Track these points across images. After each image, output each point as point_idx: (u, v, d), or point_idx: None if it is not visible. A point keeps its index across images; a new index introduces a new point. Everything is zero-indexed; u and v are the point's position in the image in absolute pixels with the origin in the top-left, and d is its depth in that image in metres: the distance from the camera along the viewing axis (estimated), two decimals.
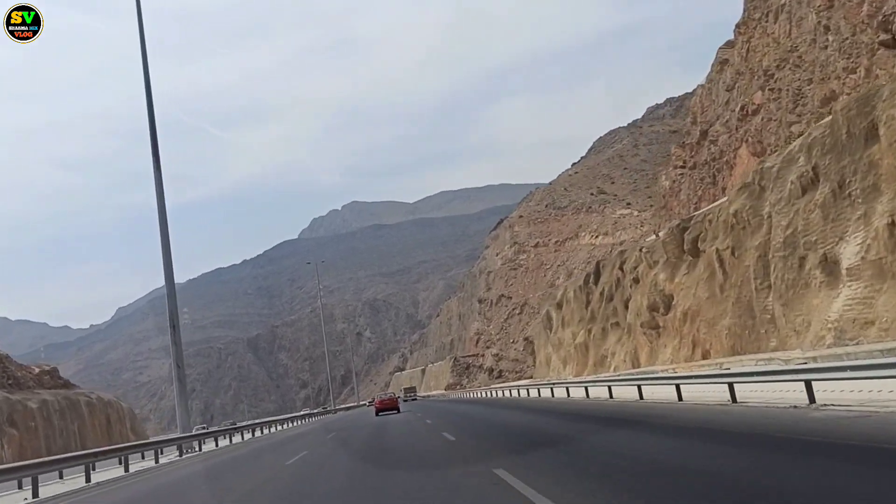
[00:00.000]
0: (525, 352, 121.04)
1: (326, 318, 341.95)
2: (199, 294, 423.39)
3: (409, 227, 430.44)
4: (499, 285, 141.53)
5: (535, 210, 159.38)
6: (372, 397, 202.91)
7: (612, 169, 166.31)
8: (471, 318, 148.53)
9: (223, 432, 49.25)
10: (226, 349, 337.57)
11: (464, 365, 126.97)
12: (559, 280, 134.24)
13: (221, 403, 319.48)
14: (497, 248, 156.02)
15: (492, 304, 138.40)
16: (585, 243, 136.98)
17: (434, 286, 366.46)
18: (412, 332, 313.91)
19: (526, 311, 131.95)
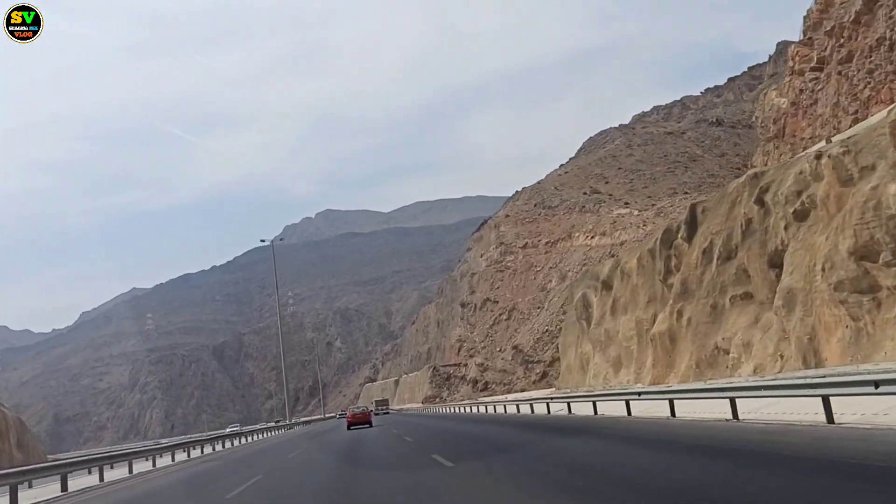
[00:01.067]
0: (514, 362, 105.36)
1: (296, 327, 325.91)
2: (166, 300, 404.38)
3: (383, 236, 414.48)
4: (483, 288, 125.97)
5: (523, 210, 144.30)
6: (342, 409, 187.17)
7: (605, 169, 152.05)
8: (451, 324, 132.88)
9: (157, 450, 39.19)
10: (189, 356, 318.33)
11: (444, 375, 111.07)
12: (551, 283, 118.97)
13: (183, 413, 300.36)
14: (481, 249, 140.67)
15: (476, 308, 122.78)
16: (580, 244, 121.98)
17: (408, 296, 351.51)
18: (384, 343, 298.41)
19: (514, 316, 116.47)
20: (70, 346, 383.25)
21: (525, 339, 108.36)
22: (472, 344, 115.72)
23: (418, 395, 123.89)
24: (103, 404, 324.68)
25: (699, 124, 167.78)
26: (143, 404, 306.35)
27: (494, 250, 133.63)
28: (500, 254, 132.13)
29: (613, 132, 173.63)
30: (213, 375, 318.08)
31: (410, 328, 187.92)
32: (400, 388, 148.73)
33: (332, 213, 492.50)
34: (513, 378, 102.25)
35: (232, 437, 57.62)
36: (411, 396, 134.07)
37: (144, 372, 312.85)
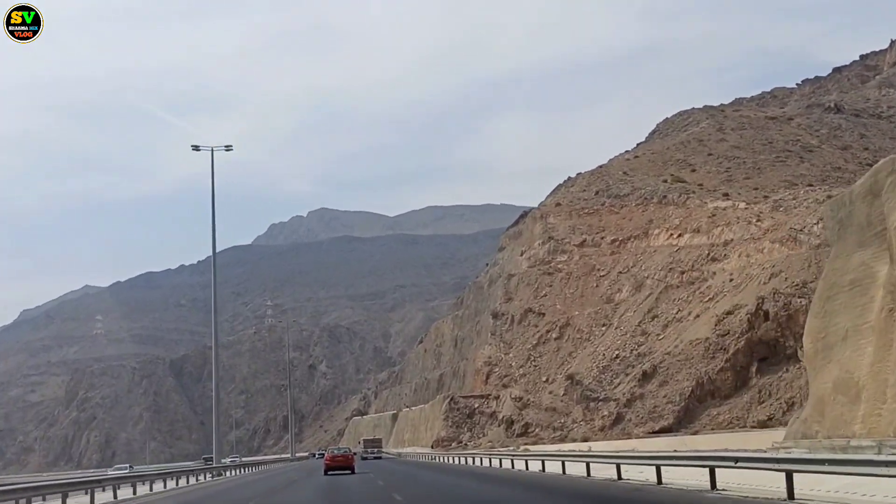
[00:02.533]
0: (569, 398, 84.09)
1: (273, 344, 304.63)
2: (121, 300, 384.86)
3: (387, 244, 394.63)
4: (525, 295, 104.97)
5: (580, 197, 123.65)
6: (319, 449, 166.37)
7: (690, 154, 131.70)
8: (477, 342, 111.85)
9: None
10: (142, 370, 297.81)
11: (465, 411, 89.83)
12: (621, 293, 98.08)
13: (127, 439, 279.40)
14: (521, 245, 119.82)
15: (513, 321, 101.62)
16: (662, 243, 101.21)
17: (411, 317, 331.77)
18: (379, 370, 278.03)
19: (568, 335, 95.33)
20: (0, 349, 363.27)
21: (584, 366, 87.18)
22: (506, 369, 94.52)
23: (425, 435, 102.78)
24: (32, 421, 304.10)
25: (811, 110, 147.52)
26: (79, 424, 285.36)
27: (540, 247, 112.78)
28: (549, 252, 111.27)
29: (697, 113, 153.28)
30: (169, 395, 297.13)
31: (417, 348, 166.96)
32: (399, 426, 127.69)
33: (327, 212, 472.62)
34: (566, 420, 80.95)
35: (114, 483, 37.28)
36: (415, 437, 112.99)
37: (85, 385, 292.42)
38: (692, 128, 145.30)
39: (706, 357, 72.55)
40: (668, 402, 71.19)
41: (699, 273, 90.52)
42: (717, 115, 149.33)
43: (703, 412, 69.77)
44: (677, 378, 72.89)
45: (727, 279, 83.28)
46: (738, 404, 67.94)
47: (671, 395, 71.51)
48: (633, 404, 73.79)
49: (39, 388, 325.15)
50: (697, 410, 70.24)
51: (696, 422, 69.06)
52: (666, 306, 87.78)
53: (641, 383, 75.13)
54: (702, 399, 70.93)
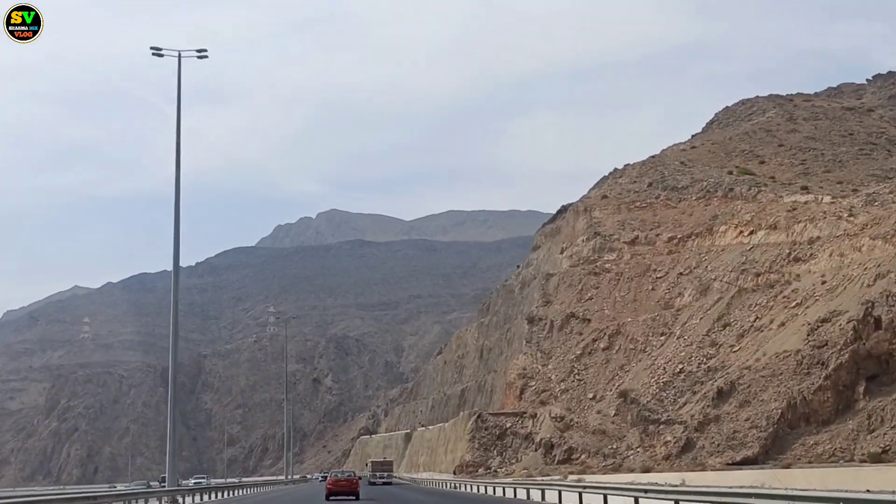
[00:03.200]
0: (622, 419, 74.14)
1: (274, 354, 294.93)
2: (111, 303, 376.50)
3: (402, 250, 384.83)
4: (567, 298, 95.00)
5: (630, 190, 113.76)
6: (322, 471, 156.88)
7: (757, 145, 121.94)
8: (508, 352, 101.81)
9: None
10: (130, 378, 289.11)
11: (495, 431, 79.68)
12: (683, 297, 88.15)
13: (112, 453, 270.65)
14: (561, 242, 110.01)
15: (552, 327, 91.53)
16: (731, 242, 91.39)
17: (427, 330, 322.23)
18: (390, 387, 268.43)
19: (619, 344, 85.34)
20: None
21: (640, 382, 77.25)
22: (543, 383, 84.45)
23: (445, 458, 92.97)
24: (10, 431, 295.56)
25: (894, 101, 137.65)
26: (59, 436, 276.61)
27: (584, 244, 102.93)
28: (594, 250, 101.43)
29: (763, 102, 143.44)
30: (159, 407, 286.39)
31: (435, 360, 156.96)
32: (413, 447, 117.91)
33: (337, 214, 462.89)
34: (619, 446, 70.92)
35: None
36: (431, 460, 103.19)
37: (67, 393, 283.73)
38: (757, 117, 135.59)
39: (798, 373, 62.60)
40: (751, 427, 61.20)
41: (779, 275, 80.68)
42: (785, 104, 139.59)
43: (795, 440, 59.75)
44: (762, 398, 62.94)
45: (817, 281, 73.32)
46: (842, 432, 57.96)
47: (755, 419, 61.51)
48: (706, 429, 63.73)
49: (19, 394, 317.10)
50: (788, 438, 60.21)
51: (788, 452, 59.01)
52: (740, 313, 77.86)
53: (716, 403, 65.13)
54: (794, 424, 60.90)
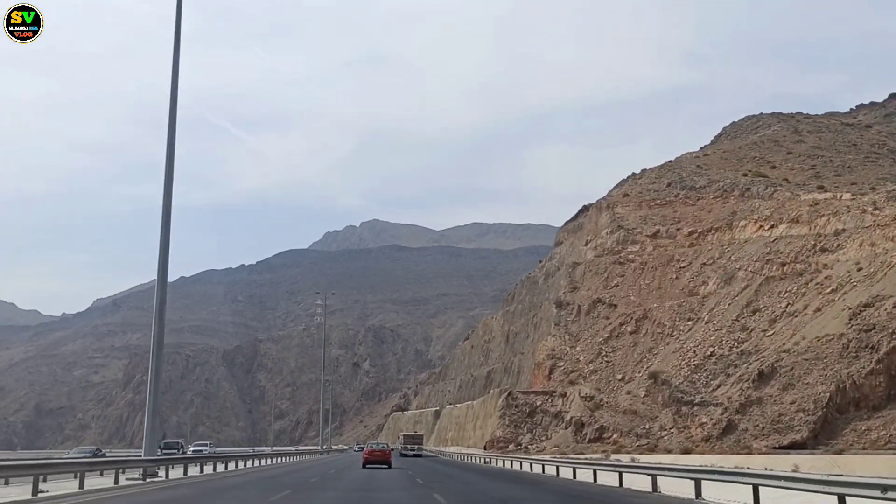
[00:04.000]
0: (653, 400, 62.46)
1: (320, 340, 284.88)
2: (183, 294, 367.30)
3: (432, 254, 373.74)
4: (593, 285, 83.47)
5: (650, 189, 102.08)
6: (358, 443, 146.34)
7: (767, 153, 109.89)
8: (533, 336, 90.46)
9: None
10: (195, 357, 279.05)
11: (525, 408, 68.33)
12: (707, 285, 76.27)
13: (178, 422, 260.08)
14: (585, 235, 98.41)
15: (579, 311, 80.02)
16: (751, 235, 79.50)
17: (452, 323, 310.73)
18: (419, 371, 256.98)
19: (646, 328, 73.71)
20: (70, 332, 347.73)
21: (670, 364, 65.58)
22: (572, 364, 73.04)
23: (473, 434, 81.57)
24: (92, 400, 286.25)
25: (890, 119, 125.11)
26: (134, 405, 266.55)
27: (609, 237, 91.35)
28: (618, 242, 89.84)
29: (767, 118, 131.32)
30: (219, 383, 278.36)
31: (462, 345, 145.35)
32: (441, 423, 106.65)
33: (378, 223, 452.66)
34: (652, 426, 59.24)
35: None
36: (459, 435, 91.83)
37: (141, 369, 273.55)
38: (763, 130, 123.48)
39: (845, 357, 50.74)
40: (797, 411, 49.41)
41: (805, 265, 68.79)
42: (788, 120, 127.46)
43: (845, 426, 47.89)
44: (806, 381, 51.17)
45: (852, 268, 61.39)
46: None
47: (802, 403, 49.72)
48: (748, 411, 51.93)
49: (102, 370, 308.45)
50: (838, 423, 48.36)
51: (839, 437, 47.22)
52: (769, 299, 66.04)
53: (757, 385, 53.34)
54: (843, 409, 49.06)
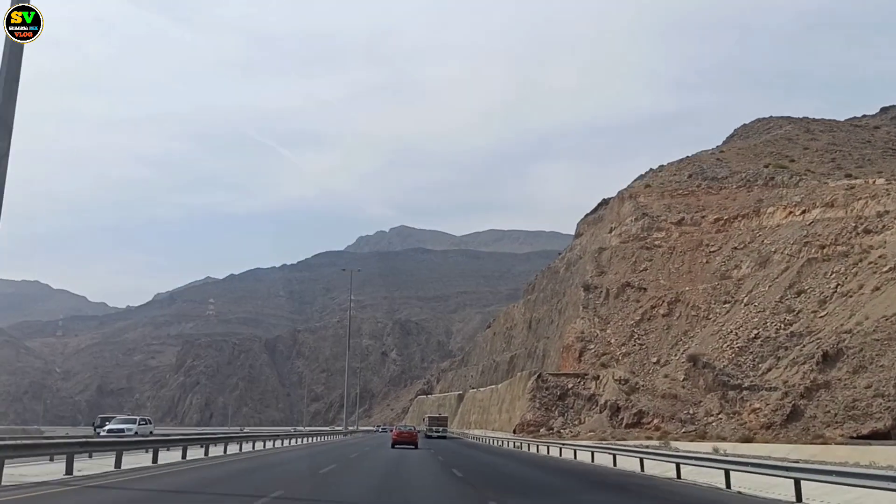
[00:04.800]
0: (693, 384, 51.22)
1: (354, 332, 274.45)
2: (232, 289, 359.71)
3: (453, 256, 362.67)
4: (621, 269, 72.22)
5: (672, 180, 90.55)
6: (384, 424, 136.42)
7: (783, 148, 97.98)
8: (558, 320, 79.33)
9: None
10: (241, 345, 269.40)
11: (556, 391, 57.24)
12: (741, 268, 64.75)
13: (224, 403, 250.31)
14: (610, 223, 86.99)
15: (608, 295, 68.75)
16: (781, 221, 67.99)
17: (470, 318, 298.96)
18: (441, 360, 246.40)
19: (679, 311, 62.43)
20: (132, 321, 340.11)
21: (710, 347, 54.25)
22: (603, 346, 61.96)
23: (499, 417, 70.49)
24: (148, 382, 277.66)
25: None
26: (185, 388, 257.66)
27: (633, 224, 80.00)
28: (643, 228, 78.51)
29: (777, 120, 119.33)
30: (262, 369, 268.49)
31: (485, 332, 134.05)
32: (465, 407, 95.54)
33: (405, 229, 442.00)
34: (696, 411, 48.02)
35: None
36: (483, 419, 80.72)
37: (192, 355, 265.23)
38: (775, 131, 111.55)
39: None
40: (875, 396, 38.11)
41: (848, 246, 57.25)
42: (798, 122, 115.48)
43: None
44: (881, 363, 39.83)
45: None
46: None
47: (879, 387, 38.37)
48: (815, 396, 40.56)
49: (158, 355, 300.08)
50: None
51: None
52: (814, 281, 54.56)
53: (822, 368, 42.04)
54: None
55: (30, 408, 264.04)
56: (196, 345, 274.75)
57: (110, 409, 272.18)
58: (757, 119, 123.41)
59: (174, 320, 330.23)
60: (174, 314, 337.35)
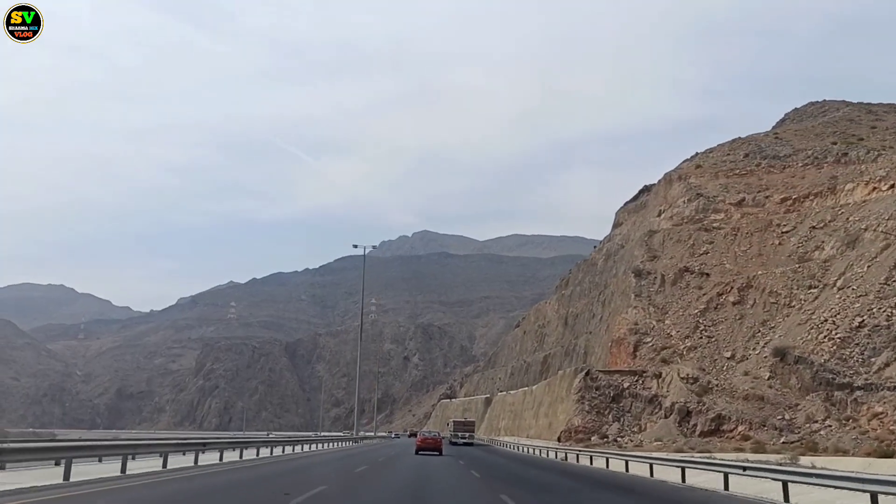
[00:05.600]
0: (782, 382, 40.83)
1: (374, 336, 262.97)
2: (254, 293, 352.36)
3: (476, 261, 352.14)
4: (677, 253, 61.76)
5: (726, 160, 79.84)
6: (394, 431, 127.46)
7: (847, 128, 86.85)
8: (601, 313, 68.81)
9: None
10: (261, 349, 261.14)
11: (608, 392, 46.80)
12: (824, 250, 54.04)
13: (243, 407, 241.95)
14: (658, 207, 76.46)
15: (663, 281, 58.25)
16: (865, 197, 57.28)
17: (494, 324, 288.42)
18: (464, 365, 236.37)
19: (753, 298, 51.85)
20: (154, 325, 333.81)
21: (799, 338, 43.73)
22: (662, 340, 51.60)
23: (534, 422, 60.31)
24: (168, 386, 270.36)
25: None
26: (204, 391, 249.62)
27: (686, 205, 69.51)
28: (697, 210, 68.05)
29: (834, 103, 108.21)
30: (281, 373, 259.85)
31: (514, 332, 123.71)
32: (493, 411, 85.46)
33: (428, 234, 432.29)
34: (795, 417, 37.69)
35: None
36: (515, 424, 70.59)
37: (211, 358, 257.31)
38: (832, 113, 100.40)
39: None
40: None
41: None
42: (856, 105, 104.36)
43: None
44: None
45: None
46: None
47: None
48: None
49: (179, 359, 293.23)
50: None
51: None
52: None
53: None
54: None
55: (49, 410, 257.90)
56: (216, 348, 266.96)
57: (129, 414, 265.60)
58: (810, 103, 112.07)
59: (196, 324, 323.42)
60: (196, 318, 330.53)
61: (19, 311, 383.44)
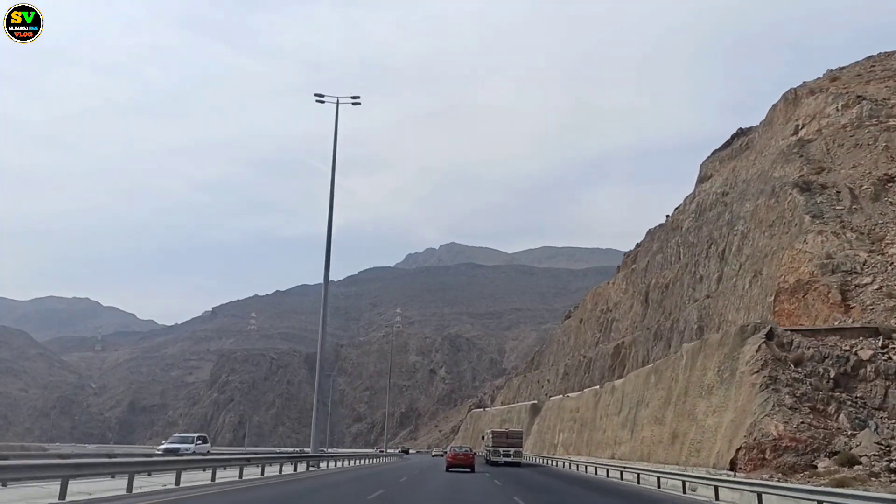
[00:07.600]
0: None
1: (399, 348, 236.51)
2: (276, 304, 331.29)
3: (506, 272, 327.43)
4: (861, 160, 37.52)
5: (875, 69, 55.47)
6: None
7: None
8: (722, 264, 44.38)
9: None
10: (279, 360, 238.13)
11: (823, 370, 22.85)
12: None
13: (259, 421, 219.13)
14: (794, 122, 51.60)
15: (854, 196, 33.67)
16: None
17: (525, 336, 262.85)
18: (494, 379, 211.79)
19: None
20: (172, 336, 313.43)
21: None
22: (888, 276, 27.81)
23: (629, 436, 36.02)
24: (182, 399, 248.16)
25: None
26: (218, 404, 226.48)
27: (844, 113, 44.95)
28: (860, 116, 43.50)
29: None
30: (300, 385, 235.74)
31: (563, 325, 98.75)
32: (543, 422, 60.99)
33: (455, 246, 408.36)
34: None
35: None
36: (582, 438, 46.08)
37: (227, 369, 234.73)
38: None
39: None
40: None
41: None
42: None
43: None
44: None
45: None
46: None
47: None
48: None
49: (195, 371, 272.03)
50: None
51: None
52: None
53: None
54: None
55: (57, 424, 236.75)
56: (231, 359, 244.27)
57: (141, 428, 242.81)
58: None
59: (214, 335, 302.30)
60: (215, 329, 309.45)
61: (42, 323, 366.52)
